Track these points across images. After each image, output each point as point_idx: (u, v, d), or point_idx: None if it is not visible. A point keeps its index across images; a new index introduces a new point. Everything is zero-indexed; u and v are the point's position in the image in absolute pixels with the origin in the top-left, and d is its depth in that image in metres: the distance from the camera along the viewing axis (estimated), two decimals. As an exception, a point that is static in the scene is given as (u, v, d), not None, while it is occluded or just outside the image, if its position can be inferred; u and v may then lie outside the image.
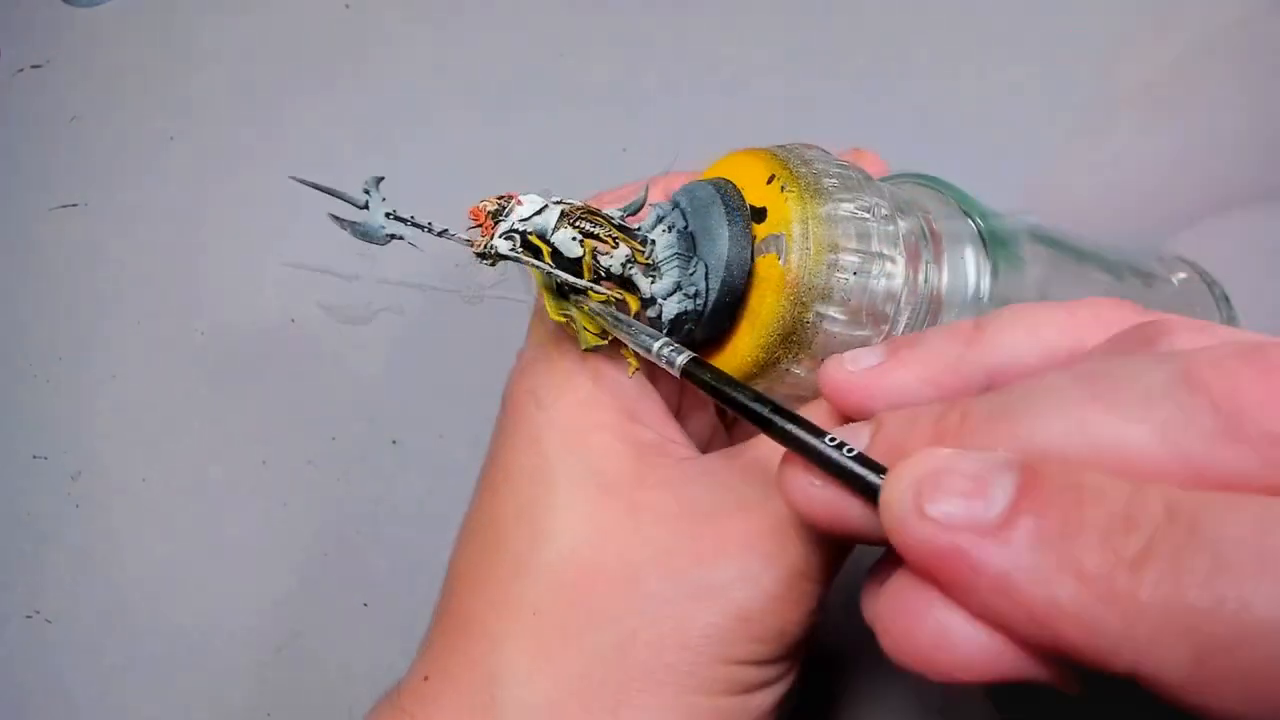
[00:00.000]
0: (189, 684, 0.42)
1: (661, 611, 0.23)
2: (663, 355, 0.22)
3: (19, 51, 0.58)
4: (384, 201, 0.23)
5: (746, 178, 0.25)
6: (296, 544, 0.44)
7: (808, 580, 0.23)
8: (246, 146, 0.53)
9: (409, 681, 0.25)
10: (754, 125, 0.50)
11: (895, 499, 0.15)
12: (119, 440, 0.47)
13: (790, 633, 0.23)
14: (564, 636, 0.23)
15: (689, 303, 0.25)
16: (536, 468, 0.25)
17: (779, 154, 0.25)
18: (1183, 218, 0.45)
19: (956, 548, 0.14)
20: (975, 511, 0.14)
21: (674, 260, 0.25)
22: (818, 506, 0.18)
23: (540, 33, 0.54)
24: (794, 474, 0.18)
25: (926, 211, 0.26)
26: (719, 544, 0.23)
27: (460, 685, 0.24)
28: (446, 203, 0.51)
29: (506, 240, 0.23)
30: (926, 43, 0.51)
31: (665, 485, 0.24)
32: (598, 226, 0.24)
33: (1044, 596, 0.13)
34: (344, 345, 0.47)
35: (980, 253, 0.26)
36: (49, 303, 0.51)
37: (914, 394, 0.19)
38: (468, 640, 0.24)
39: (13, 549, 0.45)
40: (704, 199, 0.25)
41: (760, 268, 0.24)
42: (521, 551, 0.24)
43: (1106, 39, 0.50)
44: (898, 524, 0.15)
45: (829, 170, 0.24)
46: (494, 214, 0.24)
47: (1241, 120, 0.47)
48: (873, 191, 0.24)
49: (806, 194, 0.23)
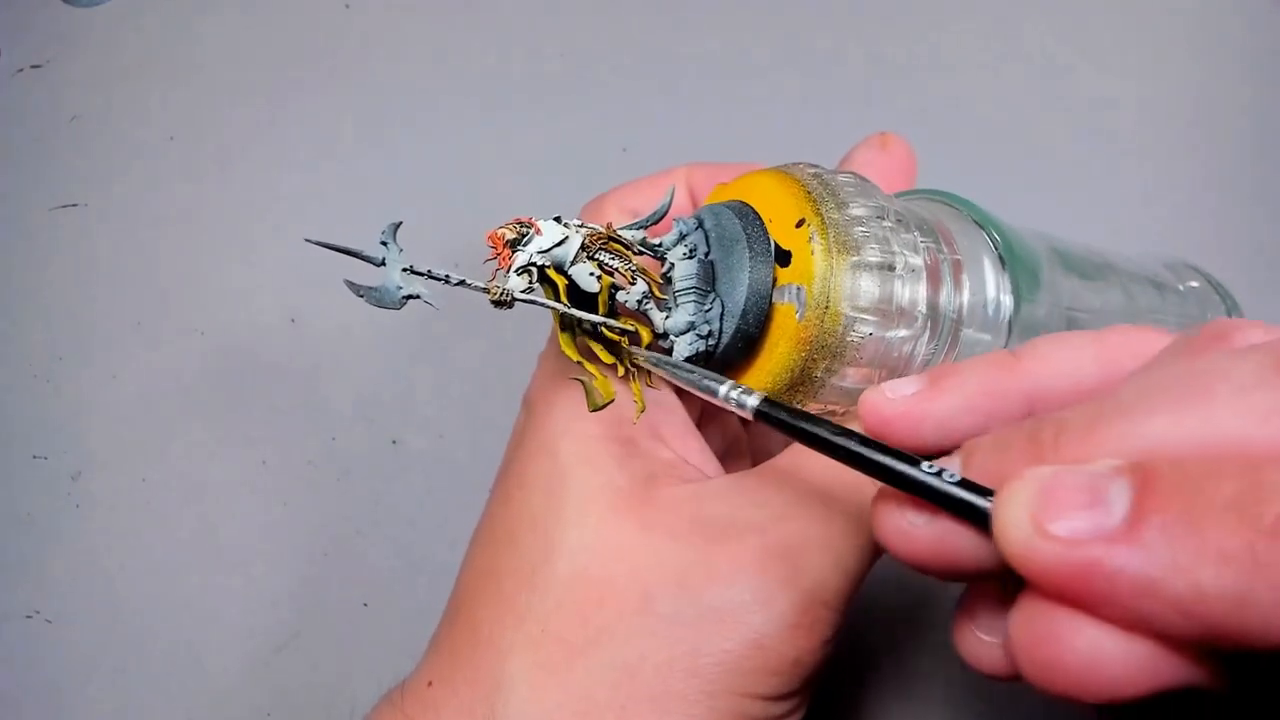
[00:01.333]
0: (189, 684, 0.42)
1: (673, 634, 0.22)
2: (731, 399, 0.21)
3: (19, 51, 0.58)
4: (401, 253, 0.23)
5: (776, 209, 0.24)
6: (296, 544, 0.44)
7: (824, 607, 0.23)
8: (246, 146, 0.53)
9: (413, 684, 0.25)
10: (754, 125, 0.50)
11: (1012, 523, 0.15)
12: (119, 440, 0.47)
13: (804, 663, 0.23)
14: (570, 654, 0.23)
15: (701, 343, 0.24)
16: (550, 479, 0.25)
17: (813, 191, 0.24)
18: (1185, 220, 0.45)
19: (1090, 561, 0.14)
20: (1100, 521, 0.14)
21: (690, 294, 0.24)
22: (919, 545, 0.17)
23: (540, 33, 0.54)
24: (888, 514, 0.18)
25: (948, 231, 0.26)
26: (733, 565, 0.23)
27: (462, 694, 0.23)
28: (447, 202, 0.51)
29: (521, 275, 0.23)
30: (928, 43, 0.51)
31: (679, 504, 0.24)
32: (617, 259, 0.24)
33: (1190, 587, 0.13)
34: (344, 345, 0.47)
35: (999, 269, 0.26)
36: (49, 303, 0.51)
37: (956, 421, 0.19)
38: (473, 649, 0.24)
39: (13, 549, 0.45)
40: (730, 235, 0.24)
41: (777, 314, 0.24)
42: (532, 564, 0.24)
43: (1107, 40, 0.50)
44: (1022, 548, 0.15)
45: (861, 216, 0.23)
46: (512, 242, 0.23)
47: (1242, 120, 0.47)
48: (904, 238, 0.24)
49: (834, 247, 0.23)
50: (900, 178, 0.29)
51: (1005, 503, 0.15)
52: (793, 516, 0.23)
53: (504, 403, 0.47)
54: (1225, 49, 0.49)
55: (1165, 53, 0.49)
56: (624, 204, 0.29)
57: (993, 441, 0.17)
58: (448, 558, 0.43)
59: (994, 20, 0.51)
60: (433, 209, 0.49)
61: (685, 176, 0.29)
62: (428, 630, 0.27)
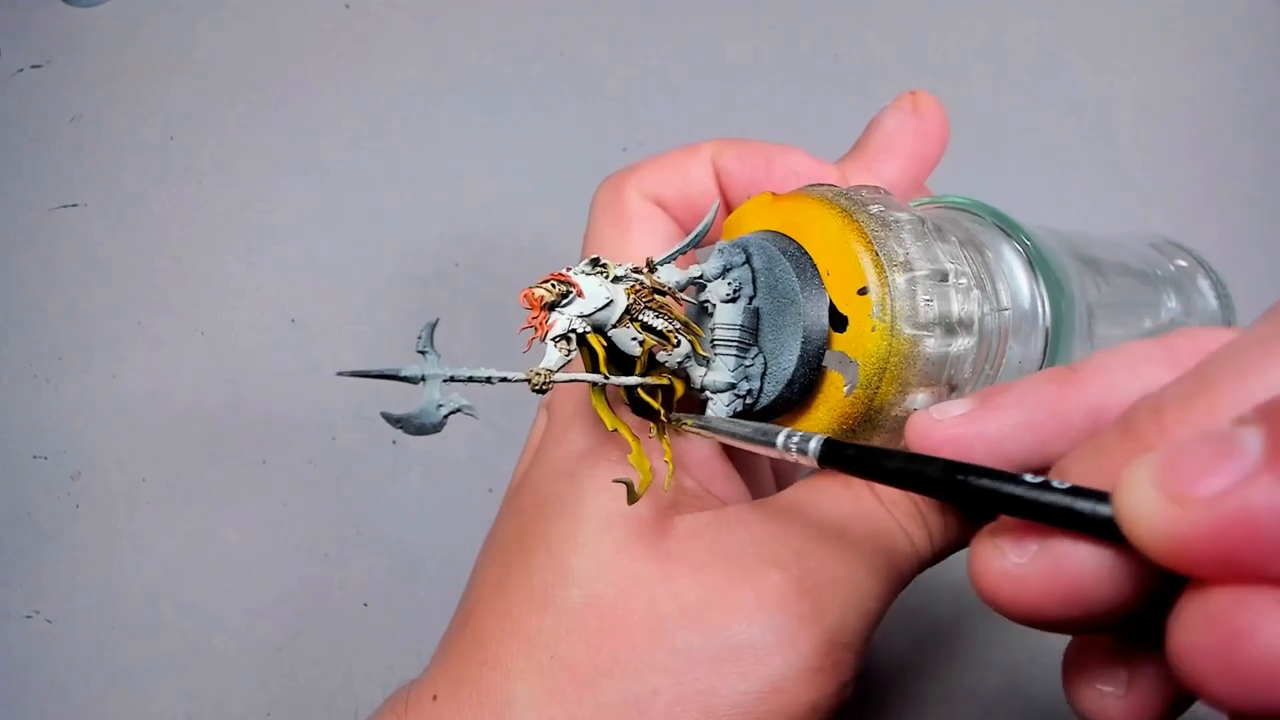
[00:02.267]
0: (189, 684, 0.42)
1: (688, 670, 0.21)
2: (790, 448, 0.19)
3: (19, 51, 0.58)
4: (439, 360, 0.21)
5: (834, 261, 0.22)
6: (296, 544, 0.44)
7: (845, 649, 0.22)
8: (246, 146, 0.53)
9: (416, 696, 0.24)
10: (754, 125, 0.50)
11: (1144, 504, 0.13)
12: (119, 440, 0.47)
13: (822, 709, 0.22)
14: (579, 684, 0.22)
15: (739, 403, 0.23)
16: (567, 502, 0.24)
17: (880, 250, 0.21)
18: (1185, 220, 0.45)
19: (1243, 508, 0.12)
20: (1240, 467, 0.13)
21: (732, 347, 0.23)
22: (1030, 586, 0.15)
23: (540, 33, 0.54)
24: (989, 557, 0.15)
25: (982, 246, 0.25)
26: (752, 601, 0.22)
27: (466, 714, 0.23)
28: (446, 202, 0.51)
29: (559, 345, 0.21)
30: (928, 43, 0.51)
31: (698, 535, 0.23)
32: (660, 317, 0.22)
33: None
34: (344, 345, 0.47)
35: (1033, 280, 0.25)
36: (49, 303, 0.51)
37: (1011, 442, 0.18)
38: (480, 668, 0.24)
39: (13, 549, 0.45)
40: (782, 289, 0.23)
41: (823, 379, 0.22)
42: (545, 586, 0.23)
43: (1108, 39, 0.50)
44: (1162, 526, 0.13)
45: (924, 279, 0.21)
46: (550, 304, 0.21)
47: (1242, 120, 0.47)
48: (959, 287, 0.22)
49: (895, 324, 0.21)
50: (934, 145, 0.27)
51: (1129, 488, 0.13)
52: (813, 552, 0.23)
53: (504, 403, 0.47)
54: (1225, 48, 0.49)
55: (1165, 53, 0.49)
56: (644, 187, 0.27)
57: (1088, 448, 0.16)
58: (448, 558, 0.43)
59: (994, 20, 0.51)
60: (432, 209, 0.49)
61: (712, 154, 0.27)
62: (428, 630, 0.27)
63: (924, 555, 0.23)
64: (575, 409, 0.26)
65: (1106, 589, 0.15)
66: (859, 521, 0.23)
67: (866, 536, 0.23)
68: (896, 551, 0.23)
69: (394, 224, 0.50)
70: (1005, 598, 0.15)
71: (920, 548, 0.23)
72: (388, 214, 0.50)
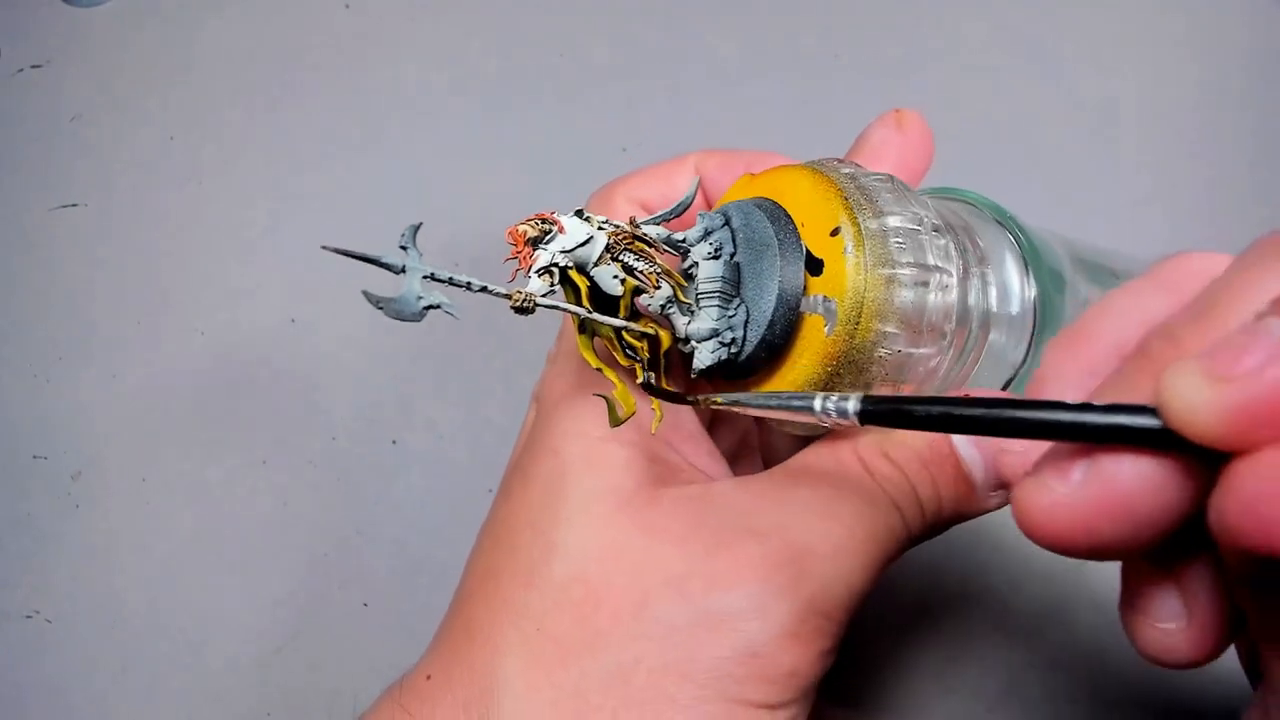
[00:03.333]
0: (189, 684, 0.42)
1: (669, 639, 0.22)
2: (829, 411, 0.20)
3: (19, 51, 0.58)
4: (421, 258, 0.21)
5: (808, 212, 0.23)
6: (296, 544, 0.44)
7: (823, 617, 0.22)
8: (246, 146, 0.53)
9: (411, 678, 0.25)
10: (754, 125, 0.50)
11: (1189, 393, 0.14)
12: (119, 440, 0.47)
13: (801, 674, 0.22)
14: (564, 655, 0.23)
15: (724, 351, 0.24)
16: (553, 478, 0.25)
17: (850, 197, 0.22)
18: (1185, 220, 0.45)
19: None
20: (1275, 342, 0.13)
21: (714, 298, 0.23)
22: (1079, 511, 0.15)
23: (540, 32, 0.54)
24: (1032, 494, 0.16)
25: (974, 234, 0.25)
26: (732, 571, 0.22)
27: (458, 690, 0.24)
28: (446, 202, 0.51)
29: (543, 277, 0.22)
30: (927, 43, 0.51)
31: (681, 508, 0.24)
32: (641, 260, 0.23)
33: None
34: (344, 345, 0.47)
35: (1023, 270, 0.25)
36: (49, 303, 0.51)
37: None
38: (470, 646, 0.24)
39: (13, 549, 0.45)
40: (760, 238, 0.23)
41: (804, 325, 0.23)
42: (530, 563, 0.24)
43: (1108, 39, 0.50)
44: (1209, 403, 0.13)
45: (898, 227, 0.22)
46: (534, 240, 0.22)
47: (1242, 120, 0.47)
48: (938, 246, 0.23)
49: (870, 260, 0.22)
50: (918, 159, 0.28)
51: (1172, 383, 0.14)
52: (796, 524, 0.23)
53: (504, 403, 0.47)
54: (1225, 48, 0.49)
55: (1165, 53, 0.49)
56: (632, 195, 0.28)
57: (1110, 381, 0.16)
58: (448, 558, 0.43)
59: (994, 20, 0.51)
60: (432, 209, 0.49)
61: (696, 164, 0.28)
62: (428, 630, 0.27)
63: (914, 528, 0.24)
64: (562, 394, 0.26)
65: (1154, 498, 0.15)
66: (846, 494, 0.23)
67: (853, 509, 0.23)
68: (884, 524, 0.23)
69: (394, 224, 0.50)
70: (1058, 528, 0.15)
71: (911, 520, 0.24)
72: (388, 214, 0.50)
